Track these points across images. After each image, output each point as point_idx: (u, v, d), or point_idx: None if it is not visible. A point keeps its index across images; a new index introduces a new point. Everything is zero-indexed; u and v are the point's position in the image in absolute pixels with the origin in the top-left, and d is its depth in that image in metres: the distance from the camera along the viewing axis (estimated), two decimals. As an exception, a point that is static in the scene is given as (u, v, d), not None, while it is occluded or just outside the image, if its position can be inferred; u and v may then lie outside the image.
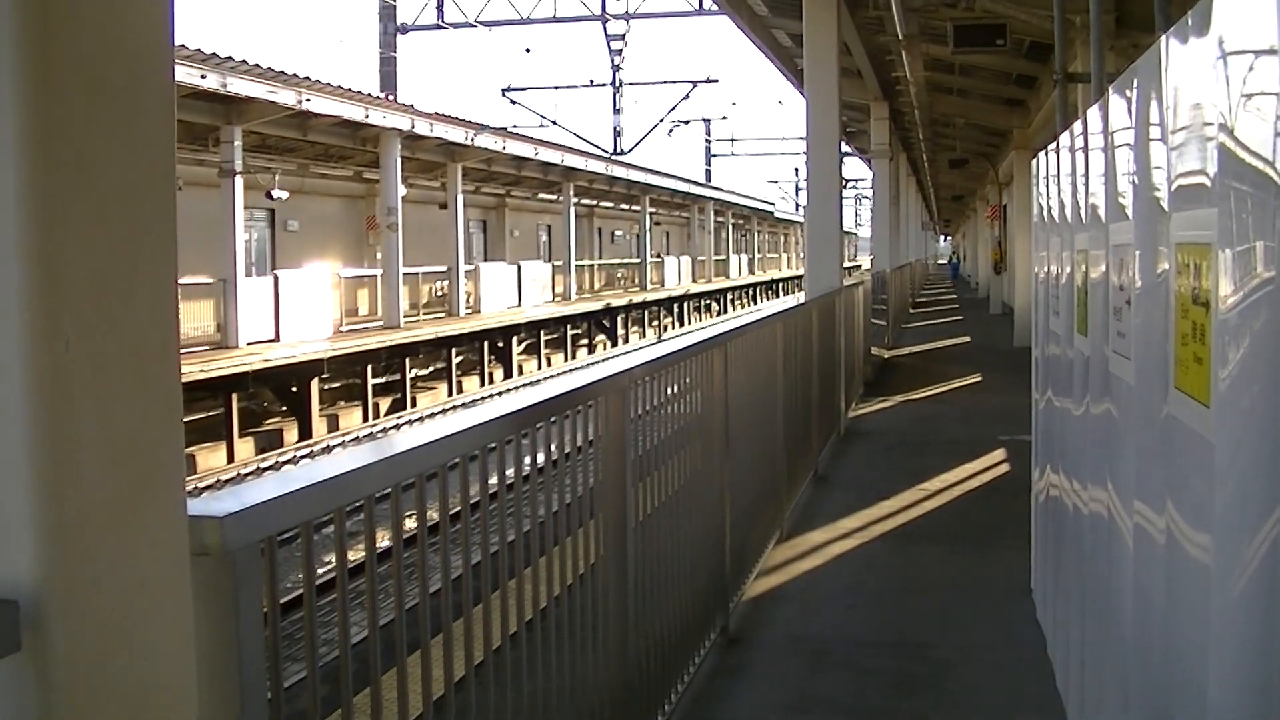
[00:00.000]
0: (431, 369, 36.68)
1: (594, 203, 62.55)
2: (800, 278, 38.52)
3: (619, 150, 49.20)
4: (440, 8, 43.05)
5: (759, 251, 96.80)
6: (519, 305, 43.40)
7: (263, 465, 24.29)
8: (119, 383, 1.98)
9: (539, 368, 42.89)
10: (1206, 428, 2.81)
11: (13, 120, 1.81)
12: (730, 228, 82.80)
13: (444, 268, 39.61)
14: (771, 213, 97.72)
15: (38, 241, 1.82)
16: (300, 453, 25.85)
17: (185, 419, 2.19)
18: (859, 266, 53.29)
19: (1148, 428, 3.55)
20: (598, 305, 49.84)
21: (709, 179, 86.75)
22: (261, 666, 2.33)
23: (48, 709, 1.85)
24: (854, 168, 69.24)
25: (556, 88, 50.07)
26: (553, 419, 4.27)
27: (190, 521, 2.15)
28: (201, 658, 2.15)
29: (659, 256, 66.73)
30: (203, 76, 24.24)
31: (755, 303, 75.66)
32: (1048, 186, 6.74)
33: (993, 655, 6.96)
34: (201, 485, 21.49)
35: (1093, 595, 4.84)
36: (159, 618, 2.06)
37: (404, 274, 34.97)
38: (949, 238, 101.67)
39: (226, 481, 22.08)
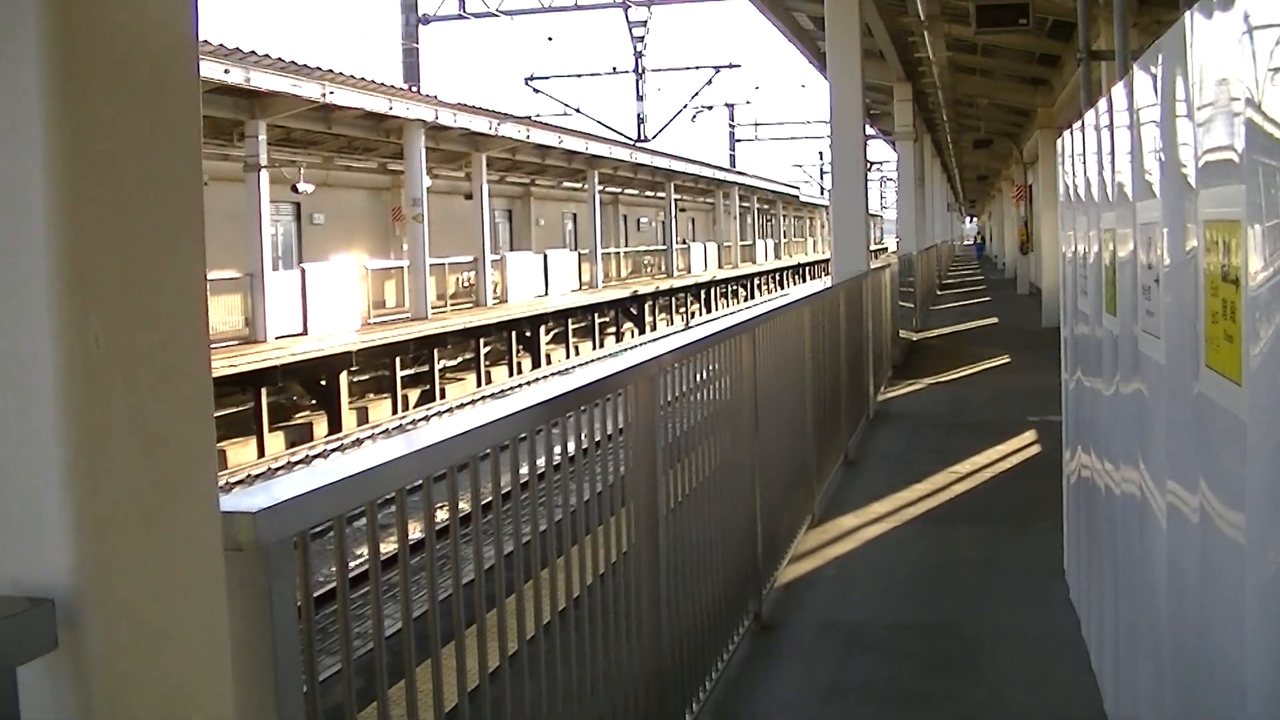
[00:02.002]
0: (460, 360, 36.71)
1: (619, 190, 62.47)
2: (826, 261, 38.51)
3: (643, 137, 49.23)
4: (462, -2, 43.10)
5: (784, 236, 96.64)
6: (546, 294, 43.38)
7: (293, 459, 24.35)
8: (150, 379, 1.98)
9: (567, 356, 42.88)
10: (1238, 406, 2.80)
11: (39, 118, 1.81)
12: (755, 213, 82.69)
13: (470, 258, 39.62)
14: (796, 197, 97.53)
15: (66, 239, 1.83)
16: (330, 446, 25.89)
17: (215, 414, 2.19)
18: (885, 249, 53.18)
19: (1179, 406, 3.53)
20: (625, 293, 49.80)
21: (733, 164, 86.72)
22: (296, 660, 2.34)
23: (85, 706, 1.86)
24: (878, 150, 69.12)
25: (579, 76, 50.12)
26: (582, 408, 4.27)
27: (223, 517, 2.16)
28: (236, 652, 2.16)
29: (685, 243, 66.66)
30: (226, 71, 24.27)
31: (782, 287, 75.49)
32: (1073, 165, 6.71)
33: (1026, 637, 6.95)
34: (233, 480, 21.54)
35: (1126, 575, 4.83)
36: (193, 613, 2.06)
37: (430, 265, 34.98)
38: (975, 219, 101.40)
39: (258, 476, 22.13)
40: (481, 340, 36.35)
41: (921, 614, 7.51)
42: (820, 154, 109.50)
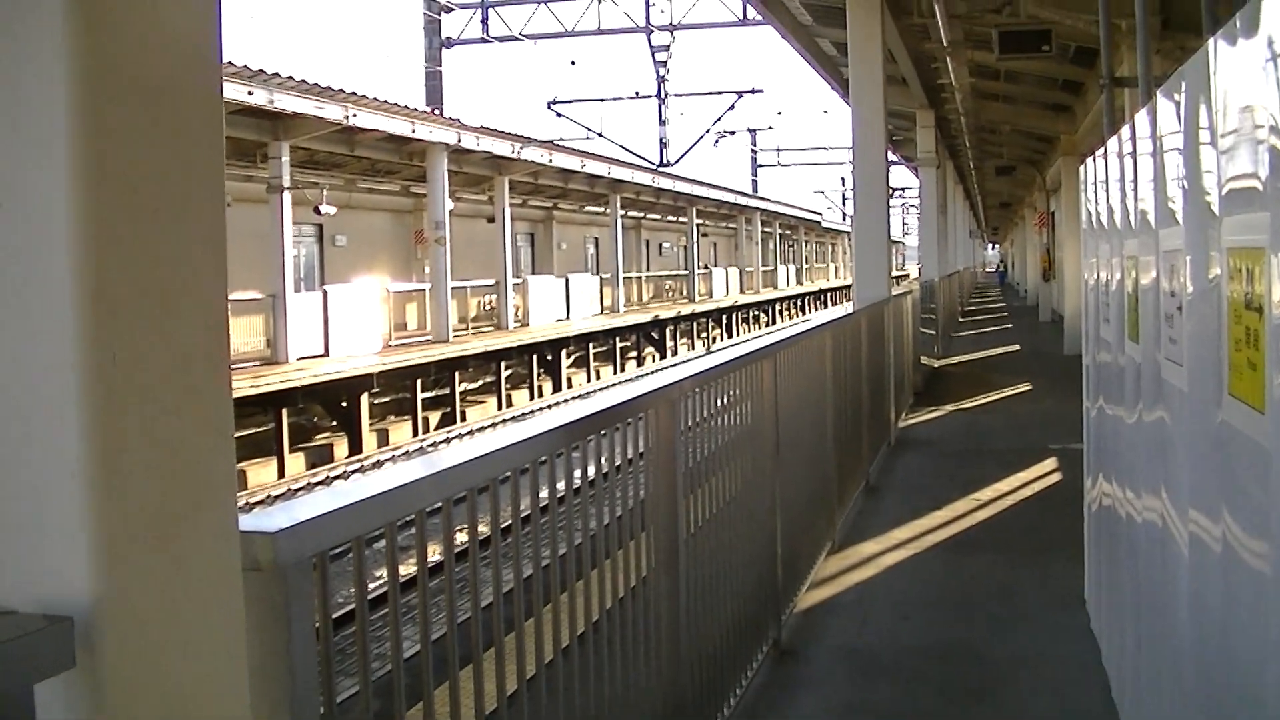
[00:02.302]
0: (481, 382, 36.77)
1: (641, 214, 62.55)
2: (848, 287, 38.40)
3: (665, 162, 49.24)
4: (485, 21, 43.19)
5: (806, 262, 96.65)
6: (567, 318, 43.41)
7: (314, 480, 24.37)
8: (170, 398, 1.99)
9: (588, 380, 42.91)
10: (1262, 434, 2.78)
11: (63, 137, 1.82)
12: (777, 238, 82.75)
13: (492, 281, 39.69)
14: (818, 222, 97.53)
15: (87, 257, 1.84)
16: (351, 467, 25.93)
17: (236, 434, 2.20)
18: (907, 275, 53.07)
19: (1201, 435, 3.51)
20: (646, 317, 49.83)
21: (755, 189, 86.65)
22: (314, 681, 2.34)
23: (102, 725, 1.86)
24: (901, 176, 69.05)
25: (602, 100, 50.18)
26: (603, 432, 4.26)
27: (242, 537, 2.16)
28: (254, 673, 2.16)
29: (706, 268, 66.70)
30: (250, 93, 24.36)
31: (803, 313, 75.48)
32: (1096, 192, 6.70)
33: (1047, 666, 6.92)
34: (252, 501, 21.57)
35: (1148, 605, 4.80)
36: (211, 633, 2.06)
37: (452, 288, 35.04)
38: (997, 245, 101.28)
39: (277, 497, 22.16)
40: (502, 363, 36.41)
41: (941, 641, 7.48)
42: (843, 180, 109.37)
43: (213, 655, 2.07)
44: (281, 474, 25.59)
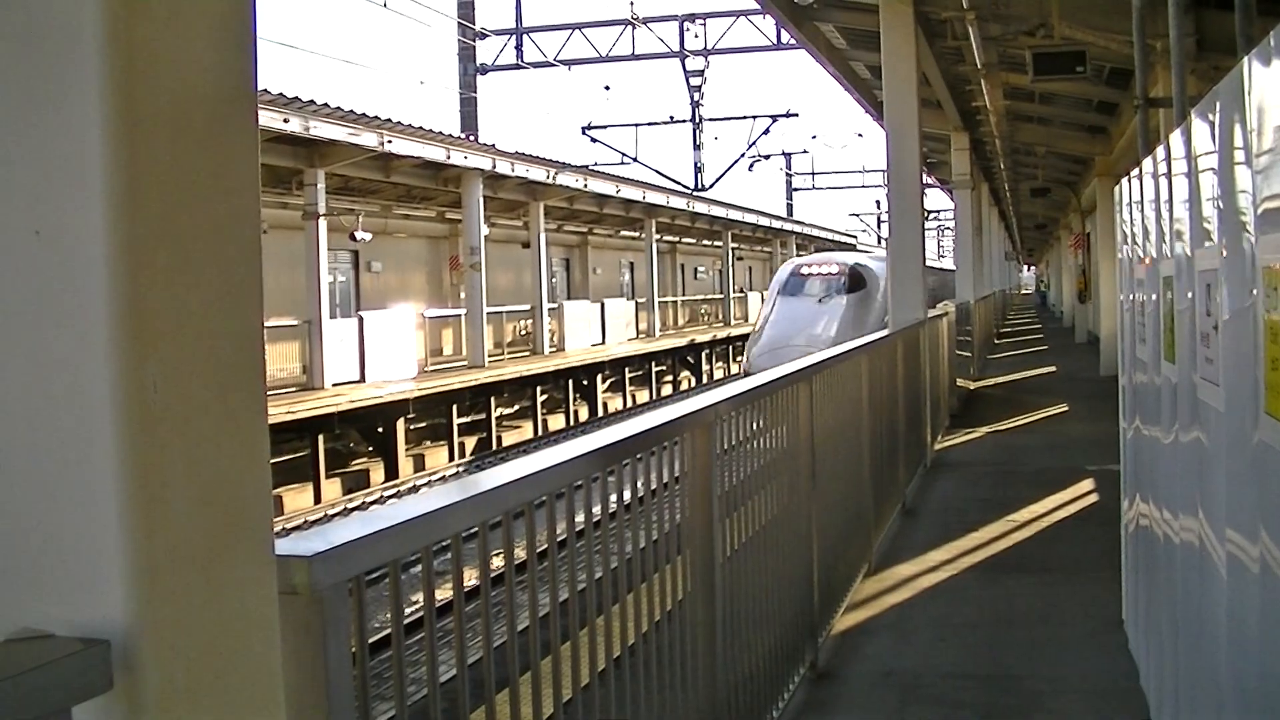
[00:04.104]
0: (516, 407, 36.80)
1: (676, 239, 62.52)
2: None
3: (700, 186, 49.29)
4: (519, 47, 43.31)
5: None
6: (603, 343, 43.40)
7: (350, 505, 24.42)
8: (207, 425, 2.00)
9: (624, 405, 42.90)
10: (1299, 453, 2.77)
11: (99, 166, 1.84)
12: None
13: (527, 306, 39.74)
14: (854, 245, 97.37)
15: (124, 285, 1.85)
16: (387, 492, 25.98)
17: (272, 460, 2.21)
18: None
19: (1239, 454, 3.50)
20: (682, 342, 49.81)
21: (790, 213, 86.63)
22: (350, 706, 2.34)
23: (140, 749, 1.87)
24: (936, 199, 68.96)
25: (636, 125, 50.26)
26: (639, 455, 4.26)
27: (278, 561, 2.17)
28: (290, 697, 2.17)
29: (742, 292, 66.66)
30: (285, 120, 24.47)
31: (838, 336, 75.19)
32: (1131, 213, 6.69)
33: (1085, 687, 6.89)
34: (289, 525, 21.62)
35: (1186, 626, 4.78)
36: (248, 657, 2.07)
37: (488, 313, 35.08)
38: (1033, 267, 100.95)
39: (314, 522, 22.20)
40: (538, 388, 36.43)
41: (979, 664, 7.45)
42: (877, 203, 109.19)
43: (249, 679, 2.08)
44: (318, 499, 25.65)
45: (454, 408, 31.46)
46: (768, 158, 68.91)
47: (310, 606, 2.25)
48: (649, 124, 51.77)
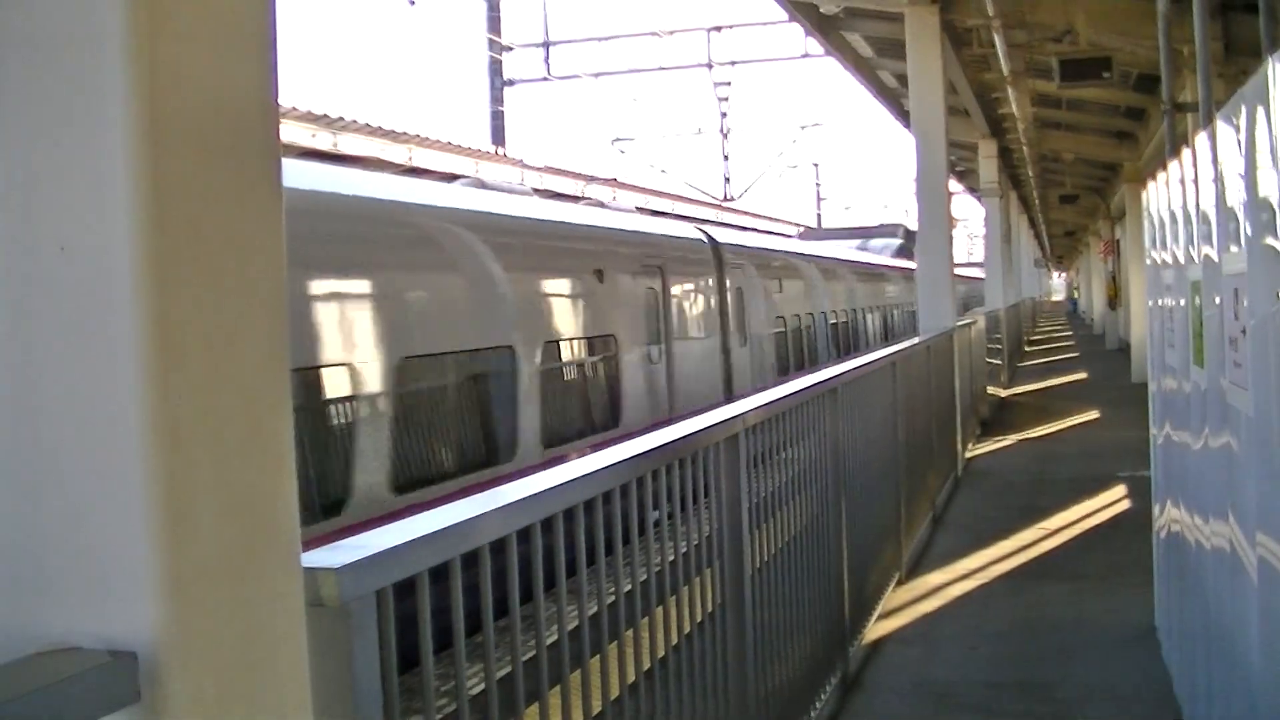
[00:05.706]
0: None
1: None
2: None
3: (729, 196, 49.26)
4: (547, 60, 43.34)
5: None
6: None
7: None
8: (234, 438, 2.01)
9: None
10: (1327, 456, 2.76)
11: (124, 182, 1.85)
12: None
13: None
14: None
15: (149, 299, 1.86)
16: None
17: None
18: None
19: (1268, 458, 3.49)
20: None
21: (819, 222, 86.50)
22: (378, 718, 2.34)
23: (167, 760, 1.87)
24: (964, 206, 68.76)
25: (665, 136, 50.28)
26: (668, 466, 4.25)
27: (305, 573, 2.17)
28: (318, 709, 2.17)
29: (770, 300, 66.45)
30: (314, 135, 24.51)
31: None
32: (1158, 218, 6.66)
33: (1118, 695, 6.86)
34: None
35: (1218, 631, 4.76)
36: (275, 669, 2.08)
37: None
38: (1063, 274, 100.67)
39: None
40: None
41: (1011, 672, 7.43)
42: (906, 211, 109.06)
43: (276, 690, 2.08)
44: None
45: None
46: (796, 167, 68.75)
47: (338, 618, 2.25)
48: (677, 135, 51.78)
